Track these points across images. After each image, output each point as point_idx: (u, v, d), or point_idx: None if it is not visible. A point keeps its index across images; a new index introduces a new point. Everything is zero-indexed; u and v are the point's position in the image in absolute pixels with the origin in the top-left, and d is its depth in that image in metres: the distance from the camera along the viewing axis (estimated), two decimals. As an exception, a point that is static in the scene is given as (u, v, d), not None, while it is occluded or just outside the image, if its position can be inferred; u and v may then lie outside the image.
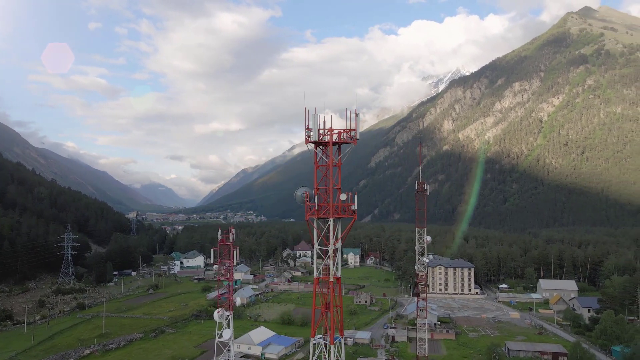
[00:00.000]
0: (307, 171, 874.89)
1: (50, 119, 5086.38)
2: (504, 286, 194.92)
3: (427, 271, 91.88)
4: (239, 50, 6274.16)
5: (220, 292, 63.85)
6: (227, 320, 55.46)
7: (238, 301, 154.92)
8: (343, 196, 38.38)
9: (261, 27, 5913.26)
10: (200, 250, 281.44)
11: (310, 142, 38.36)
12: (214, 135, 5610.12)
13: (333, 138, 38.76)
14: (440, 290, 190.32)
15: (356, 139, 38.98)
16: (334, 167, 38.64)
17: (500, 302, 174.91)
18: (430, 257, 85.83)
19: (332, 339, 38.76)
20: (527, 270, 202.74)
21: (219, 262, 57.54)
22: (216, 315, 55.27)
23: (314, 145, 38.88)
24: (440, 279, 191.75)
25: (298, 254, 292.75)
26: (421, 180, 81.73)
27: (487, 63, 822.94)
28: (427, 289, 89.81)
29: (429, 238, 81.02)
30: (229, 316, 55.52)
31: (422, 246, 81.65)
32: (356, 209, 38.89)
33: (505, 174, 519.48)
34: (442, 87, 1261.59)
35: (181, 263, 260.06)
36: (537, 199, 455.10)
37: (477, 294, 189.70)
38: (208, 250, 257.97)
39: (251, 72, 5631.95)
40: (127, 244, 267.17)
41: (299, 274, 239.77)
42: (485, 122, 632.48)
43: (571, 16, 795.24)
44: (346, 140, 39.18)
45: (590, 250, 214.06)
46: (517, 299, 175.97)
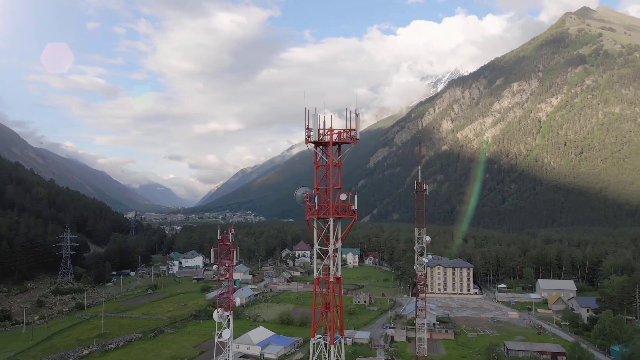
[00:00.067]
0: (306, 171, 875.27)
1: (49, 119, 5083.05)
2: (502, 286, 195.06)
3: (426, 271, 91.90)
4: (238, 50, 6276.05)
5: (220, 292, 63.75)
6: (227, 320, 55.43)
7: (237, 301, 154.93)
8: (343, 196, 38.37)
9: (260, 27, 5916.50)
10: (199, 250, 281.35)
11: (310, 142, 38.33)
12: (212, 135, 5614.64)
13: (333, 138, 38.76)
14: (439, 290, 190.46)
15: (356, 139, 38.96)
16: (334, 167, 38.63)
17: (499, 302, 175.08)
18: (430, 257, 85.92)
19: (332, 339, 38.76)
20: (525, 270, 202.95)
21: (219, 262, 57.51)
22: (216, 316, 55.24)
23: (314, 145, 38.84)
24: (439, 279, 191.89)
25: (297, 254, 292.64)
26: (420, 180, 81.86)
27: (485, 63, 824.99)
28: (426, 289, 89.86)
29: (428, 238, 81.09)
30: (228, 316, 55.49)
31: (422, 246, 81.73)
32: (356, 209, 38.89)
33: (503, 174, 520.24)
34: (440, 87, 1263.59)
35: (180, 263, 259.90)
36: (536, 199, 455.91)
37: (476, 294, 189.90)
38: (207, 250, 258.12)
39: (250, 72, 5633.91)
40: (126, 244, 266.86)
41: (297, 274, 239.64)
42: (483, 122, 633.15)
43: (569, 16, 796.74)
44: (346, 140, 39.16)
45: (589, 250, 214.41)
46: (516, 298, 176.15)
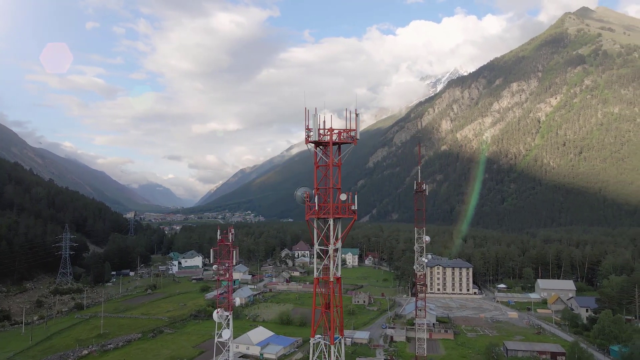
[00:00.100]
0: (305, 171, 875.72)
1: (48, 119, 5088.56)
2: (502, 286, 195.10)
3: (425, 271, 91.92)
4: (237, 50, 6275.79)
5: (220, 292, 63.77)
6: (227, 321, 55.41)
7: (237, 301, 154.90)
8: (343, 196, 38.36)
9: (259, 27, 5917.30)
10: (198, 251, 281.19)
11: (311, 142, 38.31)
12: (212, 135, 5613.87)
13: (333, 138, 38.74)
14: (439, 290, 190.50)
15: (356, 139, 38.95)
16: (334, 167, 38.62)
17: (498, 302, 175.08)
18: (429, 257, 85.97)
19: (332, 339, 38.75)
20: (525, 270, 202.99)
21: (219, 262, 57.49)
22: (215, 316, 55.23)
23: (314, 145, 38.82)
24: (438, 278, 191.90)
25: (296, 254, 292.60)
26: (420, 180, 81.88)
27: (485, 63, 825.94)
28: (425, 288, 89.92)
29: (427, 238, 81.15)
30: (228, 316, 55.48)
31: (421, 246, 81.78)
32: (356, 209, 38.88)
33: (503, 174, 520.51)
34: (440, 87, 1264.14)
35: (179, 263, 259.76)
36: (535, 199, 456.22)
37: (475, 293, 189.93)
38: (206, 251, 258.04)
39: (249, 72, 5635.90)
40: (125, 244, 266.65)
41: (297, 274, 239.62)
42: (483, 122, 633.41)
43: (569, 16, 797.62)
44: (346, 140, 39.15)
45: (588, 250, 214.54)
46: (516, 298, 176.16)
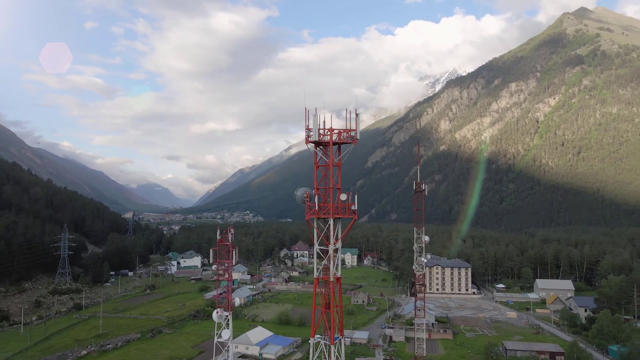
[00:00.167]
0: (304, 171, 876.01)
1: (46, 119, 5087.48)
2: (501, 286, 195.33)
3: (424, 271, 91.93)
4: (236, 50, 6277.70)
5: (219, 292, 63.73)
6: (226, 321, 55.37)
7: (236, 301, 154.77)
8: (343, 196, 38.37)
9: (258, 27, 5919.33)
10: (197, 251, 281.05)
11: (311, 142, 38.29)
12: (211, 135, 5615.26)
13: (333, 138, 38.74)
14: (438, 290, 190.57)
15: (356, 139, 38.95)
16: (334, 167, 38.62)
17: (497, 301, 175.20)
18: (428, 256, 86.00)
19: (332, 339, 38.76)
20: (523, 270, 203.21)
21: (218, 262, 57.42)
22: (215, 316, 55.12)
23: (314, 145, 38.82)
24: (437, 278, 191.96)
25: (295, 254, 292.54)
26: (419, 180, 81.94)
27: (483, 63, 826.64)
28: (424, 288, 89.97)
29: (427, 238, 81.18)
30: (227, 316, 55.42)
31: (420, 246, 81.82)
32: (356, 208, 38.88)
33: (501, 174, 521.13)
34: (438, 87, 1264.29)
35: (178, 263, 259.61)
36: (534, 199, 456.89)
37: (474, 293, 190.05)
38: (205, 251, 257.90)
39: (248, 72, 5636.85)
40: (124, 244, 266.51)
41: (296, 274, 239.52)
42: (481, 122, 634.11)
43: (567, 17, 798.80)
44: (346, 140, 39.13)
45: (587, 250, 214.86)
46: (514, 298, 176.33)
